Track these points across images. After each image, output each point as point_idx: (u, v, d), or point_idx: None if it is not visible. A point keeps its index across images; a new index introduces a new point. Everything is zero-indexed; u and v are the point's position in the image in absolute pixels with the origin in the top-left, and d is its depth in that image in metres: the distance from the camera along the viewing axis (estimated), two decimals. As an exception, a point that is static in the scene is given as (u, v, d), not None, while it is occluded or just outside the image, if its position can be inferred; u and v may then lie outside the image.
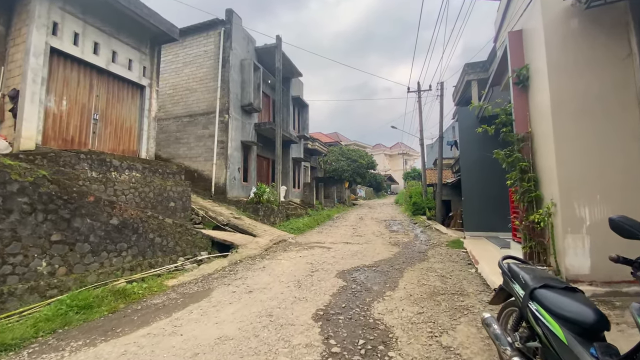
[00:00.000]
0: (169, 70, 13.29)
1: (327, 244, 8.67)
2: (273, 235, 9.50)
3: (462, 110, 9.14)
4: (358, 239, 9.39)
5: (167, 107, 13.10)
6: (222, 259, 6.75)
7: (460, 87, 12.96)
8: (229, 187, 11.65)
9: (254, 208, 11.01)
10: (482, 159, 8.60)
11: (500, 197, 8.29)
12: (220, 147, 11.79)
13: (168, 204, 8.64)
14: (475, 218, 8.60)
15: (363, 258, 6.67)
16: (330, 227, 12.63)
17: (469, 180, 8.78)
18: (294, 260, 6.50)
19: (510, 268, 2.32)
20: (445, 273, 5.29)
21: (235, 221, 9.79)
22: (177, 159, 12.58)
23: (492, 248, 6.77)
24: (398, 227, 12.78)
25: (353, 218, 16.33)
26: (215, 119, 11.91)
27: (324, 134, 37.07)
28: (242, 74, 12.78)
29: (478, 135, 8.80)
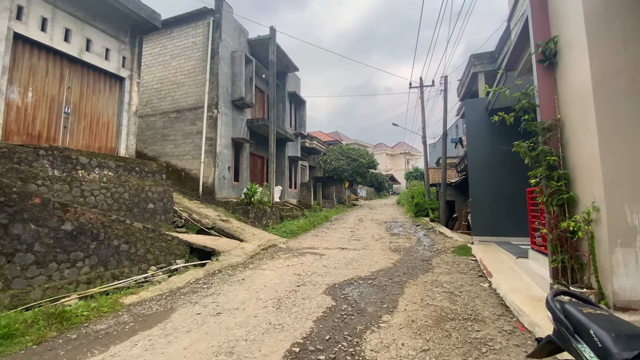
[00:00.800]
0: (156, 63, 12.54)
1: (321, 249, 7.86)
2: (262, 239, 8.71)
3: (470, 103, 8.32)
4: (355, 244, 8.59)
5: (153, 102, 12.35)
6: (199, 268, 5.97)
7: (466, 80, 12.12)
8: (218, 187, 10.88)
9: (244, 210, 10.23)
10: (492, 156, 7.79)
11: (513, 198, 7.46)
12: (209, 144, 11.01)
13: (146, 205, 7.87)
14: (484, 221, 7.77)
15: (359, 268, 5.87)
16: (326, 230, 11.83)
17: (477, 180, 7.96)
18: (279, 271, 5.71)
19: (567, 313, 1.48)
20: (453, 288, 4.48)
21: (222, 224, 9.01)
22: (163, 158, 11.83)
23: (506, 257, 5.94)
24: (399, 229, 11.96)
25: (352, 220, 15.52)
26: (203, 115, 11.14)
27: (323, 133, 36.28)
28: (232, 66, 12.00)
29: (487, 130, 7.98)
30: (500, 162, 7.71)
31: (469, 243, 8.08)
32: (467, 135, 8.17)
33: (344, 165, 24.21)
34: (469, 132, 8.14)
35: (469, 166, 8.07)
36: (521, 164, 7.94)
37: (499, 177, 7.70)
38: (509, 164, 7.65)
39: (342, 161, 24.43)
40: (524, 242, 7.22)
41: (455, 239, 9.27)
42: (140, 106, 12.59)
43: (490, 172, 7.80)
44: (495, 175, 7.74)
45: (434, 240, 9.33)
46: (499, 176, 7.70)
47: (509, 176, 7.62)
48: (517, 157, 7.99)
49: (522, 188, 7.65)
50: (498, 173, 7.71)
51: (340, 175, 24.21)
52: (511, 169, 7.62)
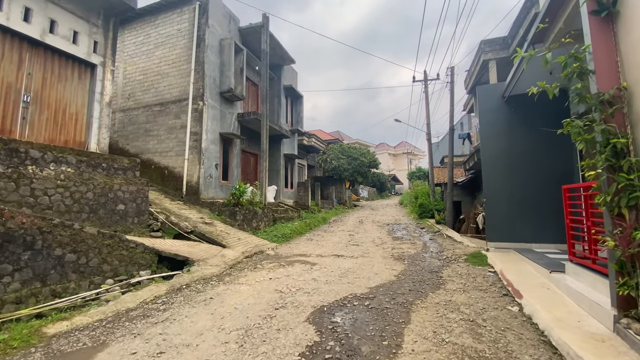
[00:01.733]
0: (139, 53, 11.63)
1: (313, 257, 6.88)
2: (248, 245, 7.74)
3: (483, 90, 7.31)
4: (353, 250, 7.59)
5: (136, 95, 11.43)
6: (164, 282, 4.99)
7: (475, 69, 11.10)
8: (203, 187, 9.92)
9: (231, 211, 9.26)
10: (510, 150, 6.77)
11: (534, 199, 6.45)
12: (194, 139, 10.07)
13: (115, 206, 6.93)
14: (500, 225, 6.75)
15: (355, 281, 4.87)
16: (323, 233, 10.84)
17: (492, 178, 6.94)
18: (259, 286, 4.72)
19: None
20: (474, 314, 3.48)
21: (204, 228, 8.05)
22: (146, 154, 10.90)
23: (533, 269, 4.92)
24: (402, 232, 10.94)
25: (352, 222, 14.51)
26: (188, 107, 10.19)
27: (324, 132, 35.31)
28: (221, 55, 11.06)
29: (504, 120, 6.96)
30: (519, 157, 6.69)
31: (482, 250, 7.06)
32: (480, 127, 7.16)
33: (345, 164, 23.23)
34: (483, 123, 7.13)
35: (482, 162, 7.06)
36: (545, 158, 6.86)
37: (518, 174, 6.68)
38: (530, 159, 6.63)
39: (342, 160, 23.44)
40: (548, 249, 6.21)
41: (466, 244, 8.25)
42: (123, 99, 11.71)
43: (508, 169, 6.78)
44: (514, 172, 6.72)
45: (442, 245, 8.32)
46: (518, 173, 6.68)
47: (530, 173, 6.60)
48: (540, 150, 6.92)
49: (547, 186, 6.63)
50: (517, 169, 6.69)
51: (341, 175, 23.22)
52: (533, 165, 6.61)
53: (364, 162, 24.16)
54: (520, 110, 6.76)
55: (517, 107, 6.77)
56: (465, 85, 13.03)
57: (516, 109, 6.78)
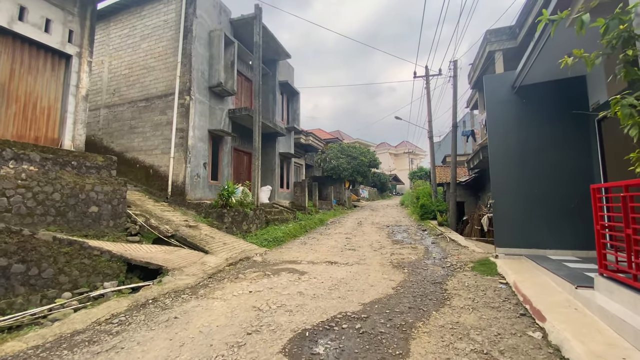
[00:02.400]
0: (125, 46, 11.04)
1: (304, 264, 6.25)
2: (234, 250, 7.12)
3: (491, 79, 6.66)
4: (349, 256, 6.95)
5: (122, 90, 10.84)
6: (127, 296, 4.37)
7: (479, 62, 10.44)
8: (190, 187, 9.31)
9: (219, 213, 8.64)
10: (522, 145, 6.12)
11: (550, 199, 5.80)
12: (180, 136, 9.46)
13: (86, 209, 6.32)
14: (511, 229, 6.10)
15: (347, 296, 4.24)
16: (319, 236, 10.21)
17: (501, 176, 6.29)
18: (235, 302, 4.10)
19: None
20: (488, 343, 2.84)
21: (187, 231, 7.43)
22: (131, 153, 10.30)
23: (553, 282, 4.27)
24: (403, 235, 10.30)
25: (350, 223, 13.87)
26: (174, 102, 9.59)
27: (323, 131, 34.68)
28: (210, 48, 10.45)
29: (515, 112, 6.30)
30: (531, 153, 6.03)
31: (490, 256, 6.41)
32: (488, 121, 6.51)
33: (344, 164, 22.59)
34: (490, 116, 6.47)
35: (490, 159, 6.41)
36: (561, 154, 6.12)
37: (530, 171, 6.03)
38: (544, 155, 5.98)
39: (341, 159, 22.80)
40: (564, 256, 5.56)
41: (472, 249, 7.60)
42: (108, 95, 11.13)
43: (519, 166, 6.12)
44: (525, 170, 6.07)
45: (446, 250, 7.67)
46: (530, 171, 6.03)
47: (543, 170, 5.94)
48: (554, 145, 6.21)
49: (562, 185, 5.93)
50: (529, 167, 6.04)
51: (340, 175, 22.59)
52: (546, 161, 5.95)
53: (364, 161, 23.51)
54: (532, 101, 6.11)
55: (529, 99, 6.12)
56: (469, 79, 12.37)
57: (528, 101, 6.13)
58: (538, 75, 5.81)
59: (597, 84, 5.54)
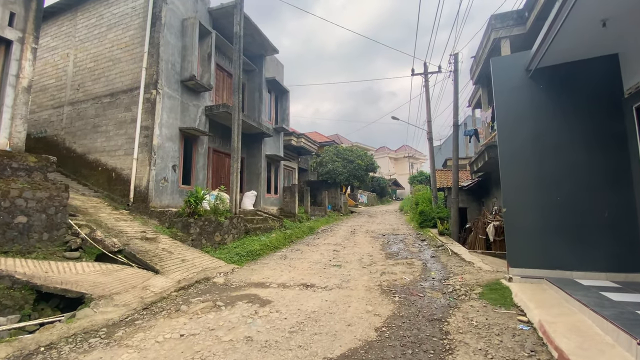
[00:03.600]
0: (91, 37, 10.01)
1: (273, 288, 5.08)
2: (193, 269, 5.96)
3: (500, 63, 5.54)
4: (331, 276, 5.79)
5: (86, 85, 9.78)
6: (14, 340, 3.21)
7: (484, 52, 9.35)
8: (155, 192, 8.17)
9: (184, 223, 7.49)
10: (539, 139, 4.99)
11: (576, 206, 4.66)
12: (144, 135, 8.35)
13: (11, 219, 5.21)
14: (527, 244, 4.93)
15: (311, 344, 3.07)
16: (304, 248, 9.04)
17: (513, 179, 5.14)
18: (152, 354, 2.93)
19: None
20: None
21: (140, 245, 6.28)
22: (93, 154, 9.20)
23: (595, 324, 3.08)
24: (399, 247, 9.12)
25: (343, 232, 12.70)
26: (139, 97, 8.51)
27: (320, 134, 33.65)
28: (183, 38, 9.40)
29: (530, 100, 5.14)
30: (551, 150, 4.89)
31: (502, 276, 5.23)
32: (497, 112, 5.37)
33: (339, 167, 21.46)
34: (500, 106, 5.34)
35: (500, 159, 5.26)
36: (589, 150, 4.77)
37: (552, 173, 4.88)
38: (567, 152, 4.84)
39: (337, 163, 21.68)
40: (598, 280, 4.39)
41: (478, 266, 6.42)
42: (72, 91, 10.07)
43: (537, 167, 4.98)
44: (544, 171, 4.93)
45: (447, 266, 6.49)
46: (552, 172, 4.88)
47: (567, 171, 4.80)
48: (581, 140, 4.86)
49: (592, 189, 4.72)
50: (550, 167, 4.90)
51: (335, 179, 21.44)
52: (571, 160, 4.81)
53: (361, 165, 22.37)
54: (551, 87, 4.98)
55: (548, 84, 5.00)
56: (471, 74, 11.27)
57: (546, 86, 5.01)
58: (560, 53, 4.69)
59: (634, 63, 4.42)
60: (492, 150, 8.13)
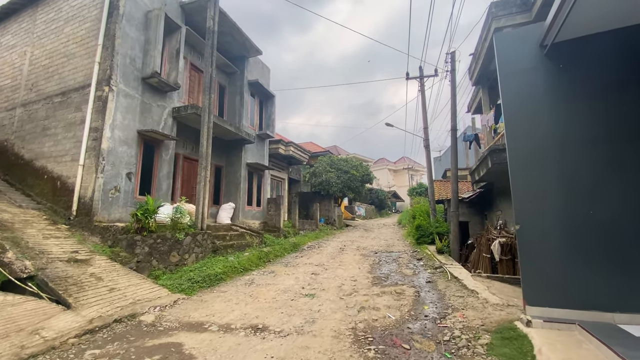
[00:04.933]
0: (48, 32, 9.05)
1: (211, 331, 3.81)
2: (120, 301, 4.68)
3: (505, 38, 4.41)
4: (296, 311, 4.51)
5: (40, 84, 8.75)
6: None
7: (483, 46, 8.30)
8: (102, 204, 6.97)
9: (130, 241, 6.25)
10: (562, 135, 3.79)
11: (618, 224, 3.42)
12: (93, 138, 7.23)
13: None
14: (551, 273, 3.67)
15: None
16: (279, 269, 7.76)
17: (528, 187, 3.93)
18: None
19: None
20: None
21: (62, 269, 5.04)
22: (40, 160, 8.07)
23: None
24: (390, 268, 7.83)
25: (331, 249, 11.41)
26: (90, 95, 7.43)
27: (315, 144, 32.65)
28: (146, 31, 8.41)
29: (545, 85, 3.92)
30: (580, 148, 3.70)
31: (517, 316, 3.94)
32: (504, 101, 4.20)
33: (333, 178, 20.28)
34: (508, 95, 4.18)
35: (510, 162, 4.07)
36: (634, 147, 3.50)
37: (579, 179, 3.68)
38: (602, 151, 3.65)
39: (330, 173, 20.52)
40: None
41: (483, 297, 5.12)
42: (25, 91, 9.05)
43: (559, 170, 3.78)
44: (570, 177, 3.72)
45: (445, 297, 5.20)
46: (579, 178, 3.68)
47: (602, 176, 3.60)
48: (625, 132, 3.38)
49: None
50: (576, 171, 3.69)
51: (329, 190, 20.23)
52: (611, 160, 3.61)
53: (356, 175, 21.20)
54: (575, 65, 3.84)
55: (570, 61, 3.85)
56: (470, 73, 10.22)
57: (569, 65, 3.86)
58: (585, 22, 3.57)
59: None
60: (496, 154, 6.95)
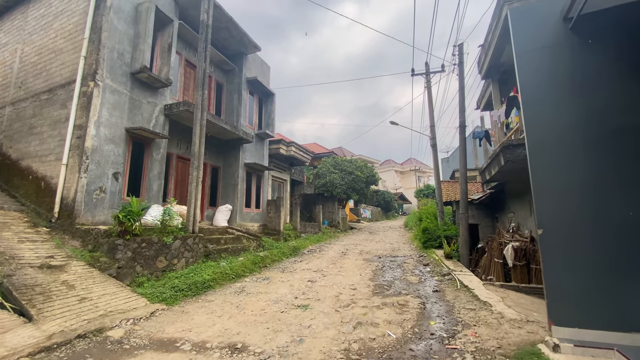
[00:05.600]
0: (38, 28, 8.76)
1: (183, 351, 3.31)
2: (90, 313, 4.22)
3: (522, 12, 3.83)
4: (284, 327, 3.98)
5: (28, 81, 8.44)
6: None
7: (494, 34, 7.66)
8: (85, 206, 6.57)
9: (111, 245, 5.81)
10: (594, 122, 3.19)
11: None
12: (77, 136, 6.85)
13: None
14: (582, 287, 3.07)
15: None
16: (275, 275, 7.25)
17: (551, 183, 3.34)
18: None
19: None
20: None
21: (33, 276, 4.61)
22: (26, 160, 7.73)
23: None
24: (394, 275, 7.25)
25: (333, 253, 10.86)
26: (75, 91, 7.07)
27: (319, 145, 32.16)
28: (136, 25, 8.03)
29: (570, 63, 3.38)
30: (617, 136, 3.11)
31: (540, 337, 3.34)
32: (522, 86, 3.62)
33: (337, 179, 19.75)
34: (525, 75, 3.60)
35: (530, 155, 3.48)
36: None
37: (617, 173, 3.08)
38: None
39: (334, 175, 19.99)
40: None
41: (498, 310, 4.52)
42: (15, 89, 8.76)
43: (590, 164, 3.19)
44: (607, 171, 3.13)
45: (454, 309, 4.61)
46: (617, 172, 3.08)
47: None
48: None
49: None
50: (613, 164, 3.10)
51: (332, 192, 19.69)
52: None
53: (360, 177, 20.62)
54: (606, 39, 3.25)
55: (601, 37, 3.27)
56: (479, 66, 9.60)
57: (598, 41, 3.28)
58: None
59: None
60: (509, 151, 6.33)
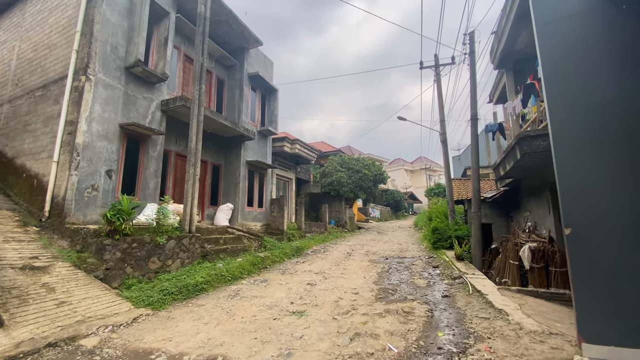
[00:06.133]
0: (34, 24, 8.62)
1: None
2: (66, 319, 3.91)
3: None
4: (273, 337, 3.58)
5: (25, 78, 8.30)
6: None
7: (508, 18, 7.09)
8: (76, 204, 6.32)
9: (99, 245, 5.53)
10: (631, 100, 2.67)
11: None
12: (68, 132, 6.61)
13: None
14: (621, 298, 2.57)
15: None
16: (274, 277, 6.87)
17: (582, 176, 2.84)
18: None
19: None
20: None
21: (12, 278, 4.34)
22: (20, 158, 7.57)
23: None
24: (400, 278, 6.78)
25: (337, 253, 10.43)
26: (66, 86, 6.84)
27: (327, 144, 31.70)
28: (130, 17, 7.78)
29: (602, 32, 2.84)
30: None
31: (570, 358, 2.85)
32: (543, 60, 3.12)
33: (344, 177, 19.28)
34: (546, 50, 3.10)
35: (554, 142, 2.99)
36: None
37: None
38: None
39: (340, 173, 19.53)
40: None
41: (516, 320, 4.01)
42: (12, 87, 8.63)
43: (631, 152, 2.67)
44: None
45: (465, 319, 4.12)
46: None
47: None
48: None
49: None
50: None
51: (339, 190, 19.24)
52: None
53: (368, 175, 20.10)
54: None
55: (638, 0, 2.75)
56: (492, 55, 9.00)
57: (636, 3, 2.76)
58: None
59: None
60: (527, 142, 5.77)
